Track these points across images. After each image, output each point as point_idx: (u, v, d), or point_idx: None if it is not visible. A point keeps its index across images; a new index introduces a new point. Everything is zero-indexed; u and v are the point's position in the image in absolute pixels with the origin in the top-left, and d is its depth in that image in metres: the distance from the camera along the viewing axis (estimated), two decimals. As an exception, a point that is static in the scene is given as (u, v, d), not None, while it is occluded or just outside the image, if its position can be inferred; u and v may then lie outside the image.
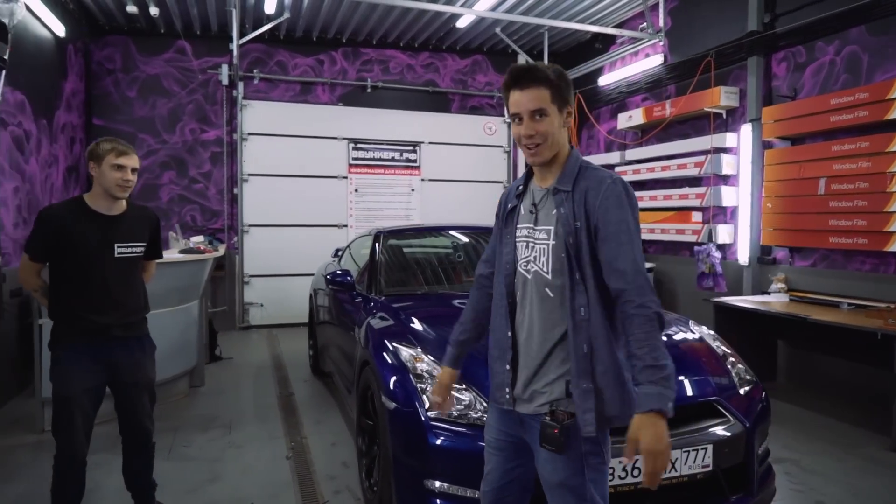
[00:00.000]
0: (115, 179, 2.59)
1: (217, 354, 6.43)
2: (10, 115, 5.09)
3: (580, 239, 1.70)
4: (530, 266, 1.80)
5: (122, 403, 2.77)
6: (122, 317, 2.69)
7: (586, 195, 1.71)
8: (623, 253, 1.65)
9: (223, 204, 8.28)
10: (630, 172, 7.58)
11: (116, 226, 2.68)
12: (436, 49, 9.04)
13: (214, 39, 8.04)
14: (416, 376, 2.82)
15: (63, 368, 2.60)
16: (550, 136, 1.74)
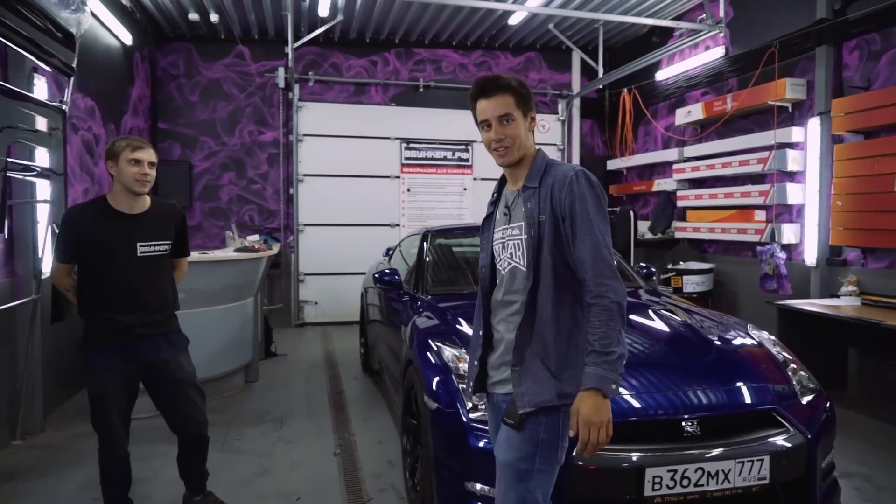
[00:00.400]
0: (132, 174, 2.57)
1: (272, 351, 6.58)
2: (81, 121, 5.35)
3: (543, 231, 1.80)
4: (508, 263, 1.90)
5: (161, 401, 2.78)
6: (145, 315, 2.67)
7: (552, 189, 1.80)
8: (584, 242, 1.73)
9: (279, 204, 8.48)
10: (688, 169, 7.31)
11: (138, 224, 2.66)
12: (488, 47, 8.98)
13: (271, 43, 8.25)
14: (459, 377, 2.79)
15: (94, 368, 2.62)
16: (518, 139, 1.84)
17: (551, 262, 1.79)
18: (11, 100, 3.33)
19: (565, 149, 9.27)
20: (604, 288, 1.69)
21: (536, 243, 1.80)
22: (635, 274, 4.52)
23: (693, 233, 7.30)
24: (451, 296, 3.94)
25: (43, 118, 3.73)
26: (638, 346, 3.06)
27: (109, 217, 2.61)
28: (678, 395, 2.62)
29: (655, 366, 2.86)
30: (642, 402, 2.57)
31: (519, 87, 1.85)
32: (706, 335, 3.16)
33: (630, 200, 8.98)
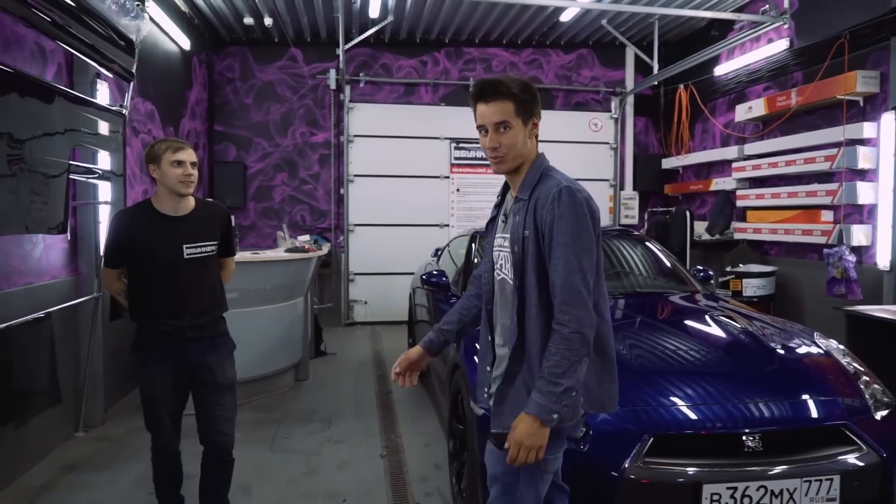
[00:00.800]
0: (176, 176, 2.53)
1: (322, 350, 6.65)
2: (142, 124, 5.54)
3: (526, 247, 1.75)
4: (498, 273, 1.90)
5: (199, 404, 2.74)
6: (193, 318, 2.63)
7: (536, 204, 1.75)
8: (556, 266, 1.69)
9: (330, 204, 8.58)
10: (749, 168, 7.00)
11: (184, 226, 2.62)
12: (539, 45, 8.85)
13: (323, 45, 8.35)
14: (506, 382, 2.72)
15: (145, 372, 2.63)
16: (513, 148, 1.79)
17: (535, 281, 1.75)
18: (75, 105, 3.45)
19: (618, 147, 9.04)
20: (567, 317, 1.66)
21: (520, 260, 1.77)
22: (691, 277, 4.35)
23: (753, 234, 6.99)
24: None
25: (104, 122, 3.86)
26: (694, 354, 2.92)
27: (155, 220, 2.59)
28: (738, 406, 2.48)
29: (713, 375, 2.73)
30: (699, 413, 2.45)
31: (521, 93, 1.78)
32: (768, 343, 2.99)
33: (686, 200, 8.68)
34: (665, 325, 3.32)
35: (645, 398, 2.53)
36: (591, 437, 2.40)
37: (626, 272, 4.49)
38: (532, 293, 1.76)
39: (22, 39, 3.53)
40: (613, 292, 4.03)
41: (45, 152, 3.06)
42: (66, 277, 4.10)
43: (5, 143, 2.69)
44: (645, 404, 2.49)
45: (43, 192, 3.05)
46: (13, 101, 2.79)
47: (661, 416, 2.43)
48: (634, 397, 2.54)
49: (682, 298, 3.88)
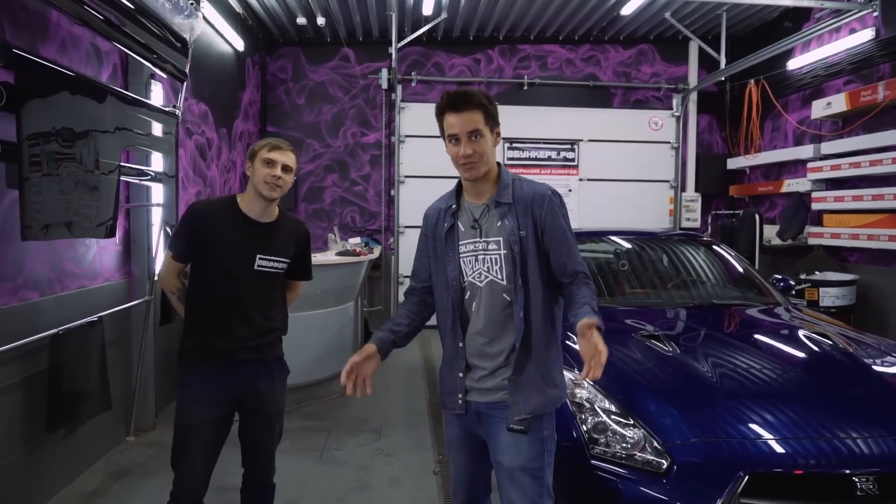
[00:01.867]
0: (262, 176, 2.30)
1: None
2: (195, 125, 5.52)
3: (526, 246, 1.91)
4: (483, 276, 1.95)
5: (245, 432, 2.47)
6: (252, 338, 2.37)
7: (532, 207, 1.92)
8: (570, 250, 1.95)
9: (381, 205, 8.47)
10: (827, 168, 6.51)
11: (264, 235, 2.38)
12: (597, 40, 8.51)
13: (375, 45, 8.24)
14: (575, 405, 2.49)
15: (186, 394, 2.36)
16: (485, 155, 1.91)
17: (538, 275, 1.92)
18: (127, 105, 3.39)
19: (680, 147, 8.61)
20: (588, 278, 1.93)
21: (521, 259, 1.90)
22: (770, 286, 3.99)
23: (830, 239, 6.49)
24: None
25: (157, 123, 3.80)
26: (791, 378, 2.62)
27: (235, 219, 2.35)
28: (847, 442, 2.17)
29: (816, 403, 2.42)
30: (801, 448, 2.15)
31: (488, 104, 1.92)
32: (879, 367, 2.65)
33: (753, 202, 8.19)
34: (752, 344, 3.00)
35: (736, 428, 2.25)
36: (674, 471, 2.14)
37: (697, 281, 4.17)
38: (537, 287, 1.92)
39: (78, 41, 3.49)
40: (684, 303, 3.73)
41: (96, 153, 2.99)
42: (118, 280, 4.07)
43: (56, 143, 2.62)
44: (736, 435, 2.22)
45: (93, 195, 2.98)
46: (65, 100, 2.72)
47: (758, 450, 2.15)
48: (723, 426, 2.27)
49: (764, 311, 3.54)
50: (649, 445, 2.25)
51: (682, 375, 2.63)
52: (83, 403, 3.28)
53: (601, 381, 2.58)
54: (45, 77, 2.58)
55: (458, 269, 1.98)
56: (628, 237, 4.61)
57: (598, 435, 2.36)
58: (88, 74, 3.41)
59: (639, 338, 2.98)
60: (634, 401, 2.46)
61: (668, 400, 2.45)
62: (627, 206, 8.34)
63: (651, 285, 4.10)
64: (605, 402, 2.46)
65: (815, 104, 6.66)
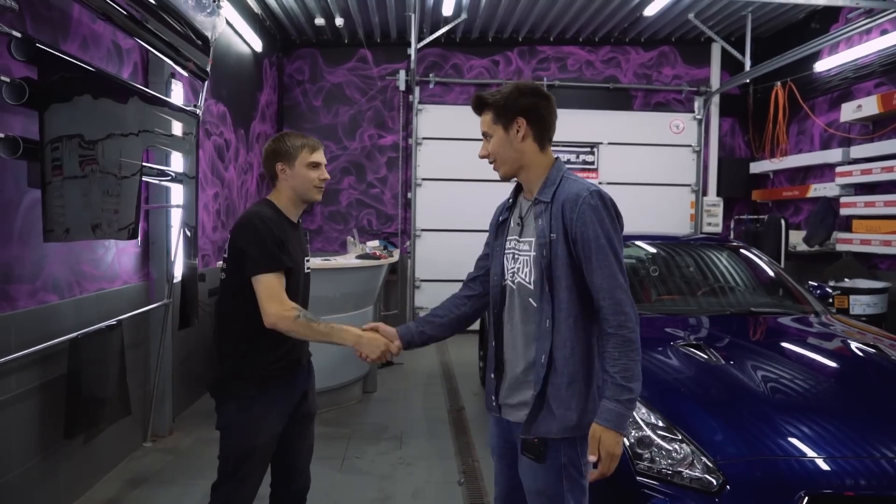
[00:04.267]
0: (311, 179, 2.17)
1: (389, 360, 6.41)
2: (214, 126, 5.45)
3: (555, 251, 1.75)
4: (515, 277, 1.86)
5: (284, 441, 2.28)
6: (307, 344, 2.30)
7: (563, 208, 1.75)
8: (599, 269, 1.70)
9: (397, 208, 8.38)
10: (857, 173, 6.36)
11: (301, 237, 2.31)
12: (618, 42, 8.39)
13: (393, 46, 8.17)
14: (617, 418, 2.37)
15: (261, 413, 2.11)
16: (499, 155, 1.86)
17: (565, 285, 1.75)
18: (149, 104, 3.32)
19: (701, 150, 8.47)
20: (623, 317, 1.68)
21: (548, 263, 1.76)
22: (807, 294, 3.85)
23: (860, 245, 6.33)
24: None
25: (178, 122, 3.73)
26: (845, 393, 2.49)
27: (287, 224, 2.19)
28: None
29: (868, 420, 2.29)
30: (863, 468, 2.03)
31: (497, 101, 1.83)
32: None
33: (777, 207, 8.03)
34: (798, 355, 2.87)
35: (791, 444, 2.13)
36: (727, 490, 2.02)
37: (730, 287, 4.04)
38: (562, 297, 1.75)
39: (99, 38, 3.42)
40: (720, 311, 3.61)
41: (118, 153, 2.91)
42: (137, 283, 4.00)
43: (78, 143, 2.55)
44: (793, 453, 2.10)
45: (115, 195, 2.91)
46: (89, 98, 2.65)
47: (818, 470, 2.03)
48: (777, 442, 2.15)
49: (804, 321, 3.41)
50: (698, 462, 2.14)
51: (728, 387, 2.51)
52: (102, 409, 3.20)
53: (643, 392, 2.47)
54: (68, 74, 2.50)
55: (501, 266, 1.91)
56: (655, 241, 4.48)
57: (642, 450, 2.24)
58: (111, 72, 3.34)
59: (679, 347, 2.86)
60: (679, 413, 2.34)
61: (715, 413, 2.34)
62: (648, 211, 8.19)
63: (682, 292, 3.98)
64: (648, 415, 2.34)
65: (844, 107, 6.50)
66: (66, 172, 2.47)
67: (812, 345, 3.02)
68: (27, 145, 2.35)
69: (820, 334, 3.20)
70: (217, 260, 5.49)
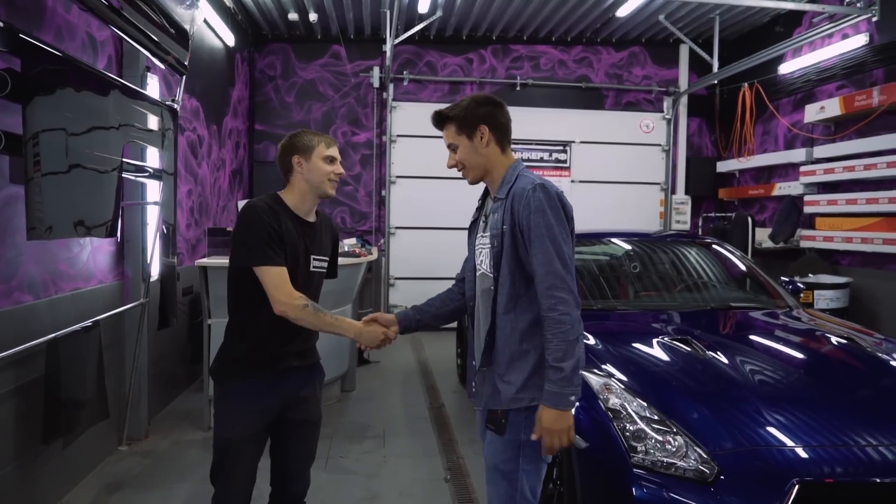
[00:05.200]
0: (327, 174, 2.18)
1: (365, 358, 6.39)
2: (187, 122, 5.33)
3: (503, 241, 1.90)
4: (480, 270, 2.03)
5: (283, 445, 2.29)
6: (302, 343, 2.24)
7: (512, 201, 1.89)
8: (537, 255, 1.83)
9: (371, 206, 8.34)
10: (820, 172, 6.58)
11: (313, 234, 2.26)
12: (590, 42, 8.50)
13: (367, 42, 8.11)
14: (612, 412, 2.41)
15: (228, 407, 2.17)
16: (468, 162, 1.99)
17: (508, 272, 1.90)
18: (129, 98, 3.22)
19: (670, 149, 8.65)
20: (553, 300, 1.79)
21: (498, 253, 1.91)
22: (780, 289, 3.98)
23: (823, 242, 6.56)
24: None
25: (157, 117, 3.63)
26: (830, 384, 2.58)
27: (291, 218, 2.18)
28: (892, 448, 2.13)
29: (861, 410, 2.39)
30: (853, 456, 2.11)
31: (457, 114, 1.97)
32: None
33: (743, 205, 8.26)
34: (780, 347, 2.96)
35: (781, 434, 2.20)
36: (721, 480, 2.08)
37: (707, 283, 4.14)
38: (505, 283, 1.90)
39: (74, 29, 3.32)
40: (700, 306, 3.69)
41: (99, 148, 2.82)
42: (112, 282, 3.89)
43: (62, 137, 2.46)
44: (783, 442, 2.17)
45: (96, 192, 2.82)
46: (72, 92, 2.56)
47: (808, 458, 2.10)
48: (767, 432, 2.22)
49: (782, 315, 3.52)
50: (692, 452, 2.19)
51: (716, 380, 2.58)
52: (80, 412, 3.10)
53: (634, 385, 2.52)
54: (52, 66, 2.41)
55: (473, 263, 2.08)
56: (630, 239, 4.56)
57: (636, 443, 2.28)
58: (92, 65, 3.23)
59: (666, 341, 2.92)
60: (671, 406, 2.39)
61: (706, 404, 2.40)
62: (619, 208, 8.35)
63: (661, 288, 4.05)
64: (641, 408, 2.39)
65: (808, 108, 6.72)
66: (50, 168, 2.39)
67: (792, 338, 3.12)
68: (9, 139, 2.26)
69: (797, 328, 3.31)
70: (190, 258, 5.37)
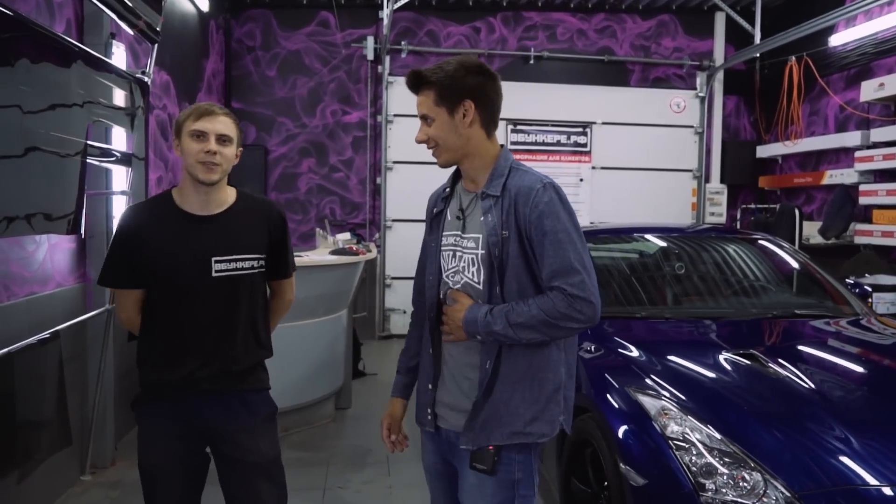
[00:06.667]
0: (193, 153, 1.99)
1: (360, 369, 6.26)
2: (157, 98, 5.17)
3: (507, 249, 1.78)
4: (458, 276, 1.88)
5: (226, 487, 2.22)
6: (218, 363, 2.10)
7: (516, 203, 1.78)
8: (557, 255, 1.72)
9: (365, 195, 8.19)
10: (879, 158, 6.47)
11: (214, 230, 2.09)
12: (613, 9, 8.36)
13: (359, 9, 7.96)
14: (673, 441, 2.29)
15: (144, 430, 2.14)
16: (442, 140, 1.82)
17: (518, 288, 1.78)
18: (93, 70, 3.06)
19: (704, 131, 8.53)
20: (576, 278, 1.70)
21: (500, 264, 1.79)
22: (848, 293, 3.86)
23: (882, 238, 6.47)
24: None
25: (123, 92, 3.47)
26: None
27: (175, 220, 2.06)
28: None
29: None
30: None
31: (441, 79, 1.78)
32: None
33: (786, 195, 8.16)
34: (865, 366, 2.85)
35: (876, 471, 2.09)
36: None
37: (757, 286, 4.02)
38: (514, 299, 1.78)
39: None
40: (759, 314, 3.58)
41: (60, 128, 2.67)
42: (73, 285, 3.74)
43: (17, 115, 2.30)
44: (880, 481, 2.05)
45: (55, 180, 2.67)
46: (29, 61, 2.40)
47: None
48: (861, 468, 2.10)
49: (856, 324, 3.40)
50: (773, 492, 2.07)
51: (792, 402, 2.47)
52: (39, 439, 2.97)
53: (694, 408, 2.40)
54: (6, 30, 2.25)
55: (438, 264, 1.94)
56: (665, 234, 4.44)
57: (705, 479, 2.16)
58: (52, 29, 3.07)
59: (728, 357, 2.80)
60: (744, 435, 2.28)
61: (782, 432, 2.28)
62: (645, 198, 8.23)
63: (704, 293, 3.93)
64: (709, 438, 2.27)
65: (863, 85, 6.61)
66: (2, 151, 2.23)
67: (873, 354, 3.00)
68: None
69: (878, 341, 3.19)
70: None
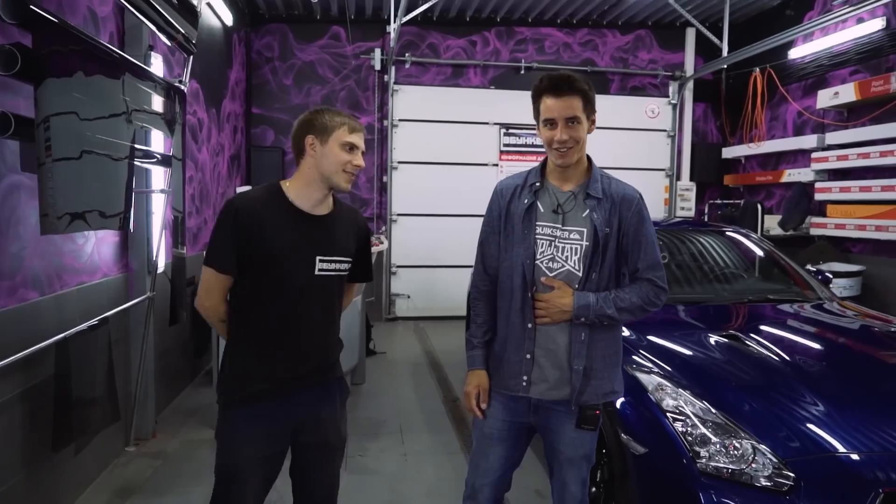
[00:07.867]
0: (342, 163, 1.86)
1: (371, 349, 6.23)
2: (188, 105, 5.07)
3: (608, 243, 1.93)
4: (554, 263, 1.96)
5: (301, 469, 2.07)
6: (318, 360, 1.98)
7: (620, 207, 1.94)
8: (650, 255, 1.96)
9: (373, 192, 8.13)
10: (833, 159, 6.49)
11: (320, 231, 1.94)
12: (595, 25, 8.31)
13: (368, 24, 7.86)
14: (673, 414, 2.28)
15: (230, 431, 1.92)
16: (581, 142, 1.91)
17: (610, 274, 1.96)
18: (139, 80, 3.00)
19: (675, 135, 8.52)
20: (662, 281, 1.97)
21: (602, 255, 1.93)
22: (811, 279, 3.86)
23: (835, 230, 6.49)
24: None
25: (164, 100, 3.40)
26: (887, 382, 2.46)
27: (287, 215, 1.89)
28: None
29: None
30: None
31: (588, 90, 1.91)
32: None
33: (749, 192, 8.17)
34: (838, 345, 2.85)
35: (856, 439, 2.08)
36: (801, 489, 1.95)
37: (732, 274, 4.02)
38: (604, 284, 1.96)
39: (75, 4, 3.07)
40: (736, 299, 3.57)
41: (111, 134, 2.61)
42: (117, 275, 3.67)
43: (73, 122, 2.24)
44: (860, 448, 2.05)
45: (108, 181, 2.61)
46: (87, 72, 2.33)
47: (890, 464, 1.98)
48: (842, 436, 2.09)
49: (822, 308, 3.40)
50: (760, 458, 2.06)
51: (774, 378, 2.46)
52: (92, 415, 2.92)
53: (686, 383, 2.39)
54: (65, 43, 2.19)
55: (533, 249, 1.97)
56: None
57: (700, 448, 2.15)
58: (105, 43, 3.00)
59: (714, 337, 2.79)
60: (735, 407, 2.27)
61: (768, 405, 2.27)
62: (624, 195, 8.20)
63: (682, 280, 3.93)
64: (699, 410, 2.26)
65: (820, 94, 6.61)
66: (62, 154, 2.17)
67: (844, 334, 3.01)
68: (19, 123, 2.05)
69: (845, 322, 3.19)
70: (192, 248, 5.15)
